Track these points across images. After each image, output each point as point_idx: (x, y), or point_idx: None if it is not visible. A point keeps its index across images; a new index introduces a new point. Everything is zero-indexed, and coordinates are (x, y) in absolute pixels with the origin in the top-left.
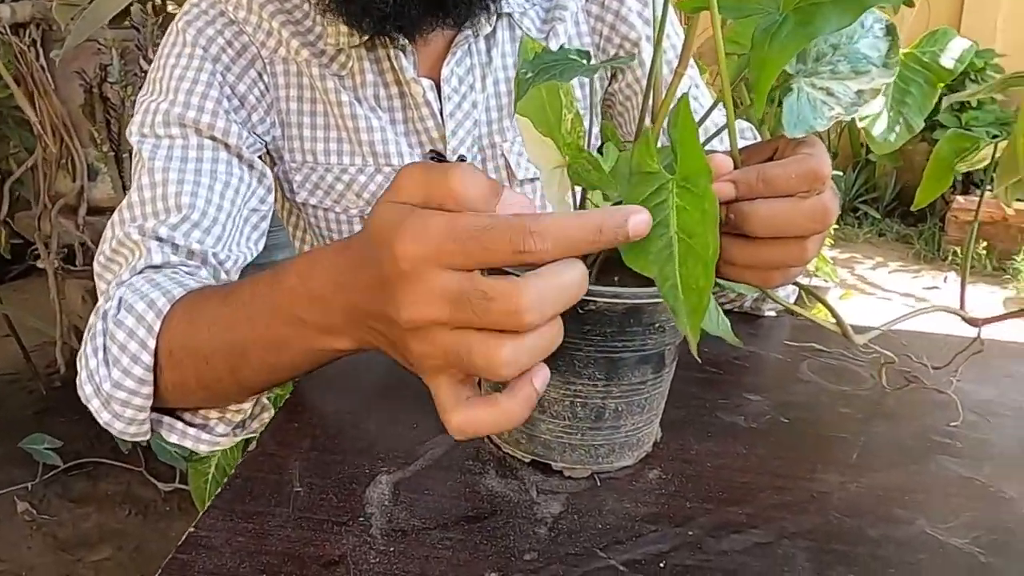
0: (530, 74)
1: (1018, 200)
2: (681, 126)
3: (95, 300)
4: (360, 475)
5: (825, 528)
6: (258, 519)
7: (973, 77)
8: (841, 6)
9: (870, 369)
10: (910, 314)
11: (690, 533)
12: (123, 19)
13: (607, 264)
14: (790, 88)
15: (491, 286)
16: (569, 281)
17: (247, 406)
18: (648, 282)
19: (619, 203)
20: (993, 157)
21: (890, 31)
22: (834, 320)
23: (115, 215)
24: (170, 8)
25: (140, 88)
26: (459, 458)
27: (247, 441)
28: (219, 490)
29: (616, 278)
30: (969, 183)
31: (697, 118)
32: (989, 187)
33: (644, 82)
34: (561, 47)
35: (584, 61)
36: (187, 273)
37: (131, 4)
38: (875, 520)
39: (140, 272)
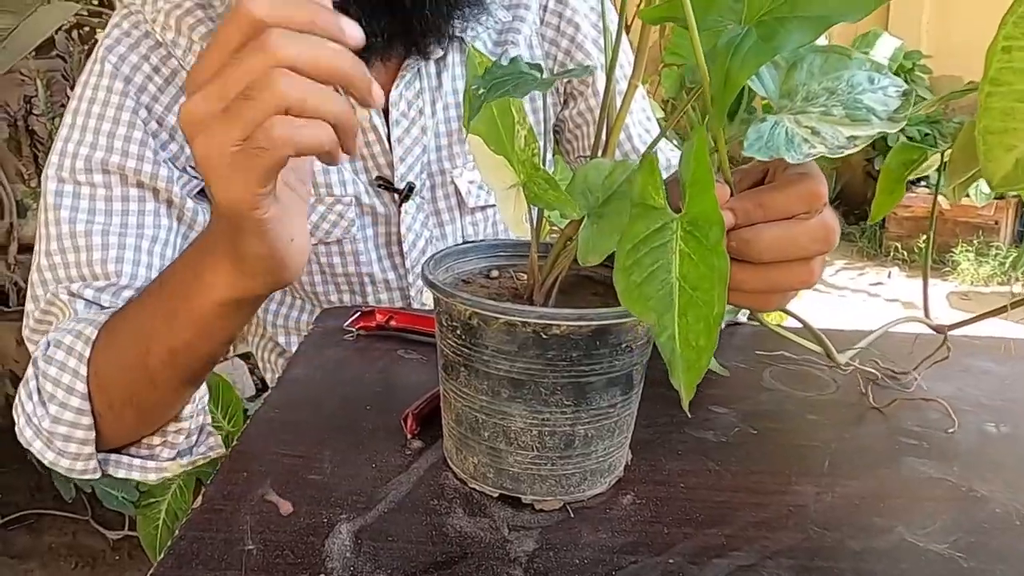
0: (482, 90)
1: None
2: (695, 163)
3: None
4: (318, 525)
5: (806, 545)
6: None
7: (903, 78)
8: (804, 22)
9: (831, 374)
10: (885, 326)
11: (671, 561)
12: (48, 48)
13: (570, 287)
14: (764, 118)
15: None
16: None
17: (186, 425)
18: (612, 303)
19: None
20: (941, 163)
21: (906, 94)
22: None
23: (35, 273)
24: (99, 34)
25: None
26: (423, 497)
27: (199, 482)
28: (161, 555)
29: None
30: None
31: (643, 147)
32: (925, 185)
33: (597, 112)
34: (512, 60)
35: (537, 75)
36: None
37: (56, 32)
38: (855, 531)
39: None
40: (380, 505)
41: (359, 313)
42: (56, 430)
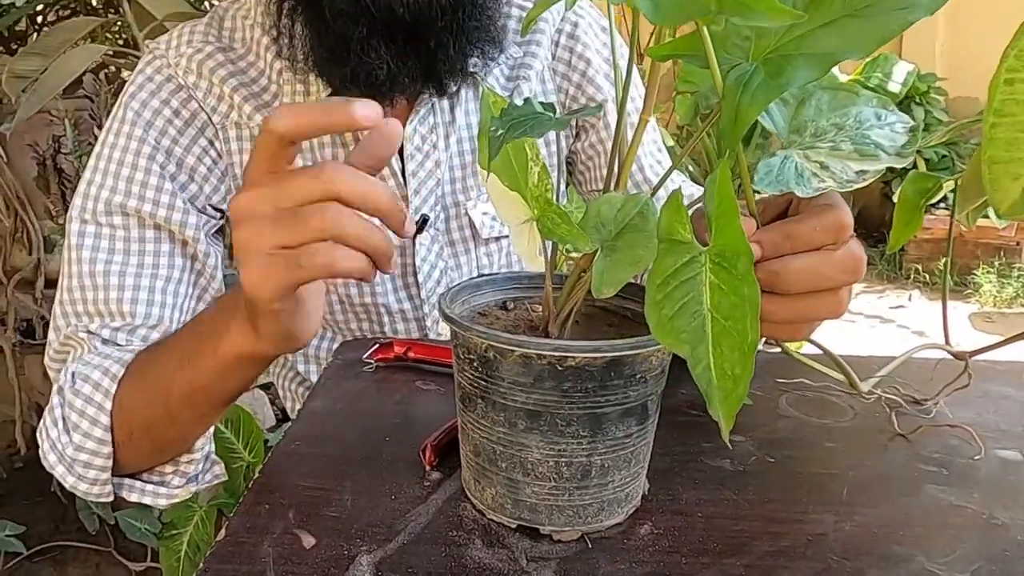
0: (500, 131)
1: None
2: (719, 196)
3: None
4: (339, 557)
5: (826, 575)
6: None
7: (918, 100)
8: (811, 60)
9: (849, 400)
10: (907, 353)
11: None
12: (76, 89)
13: (585, 318)
14: (774, 154)
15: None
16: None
17: (198, 456)
18: (626, 334)
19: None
20: (957, 189)
21: (913, 130)
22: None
23: (57, 306)
24: (124, 75)
25: None
26: (442, 529)
27: (221, 514)
28: None
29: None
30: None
31: (654, 178)
32: (944, 207)
33: (607, 144)
34: (527, 100)
35: (551, 114)
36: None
37: (84, 73)
38: (875, 560)
39: None
40: (400, 537)
41: (377, 345)
42: (78, 457)
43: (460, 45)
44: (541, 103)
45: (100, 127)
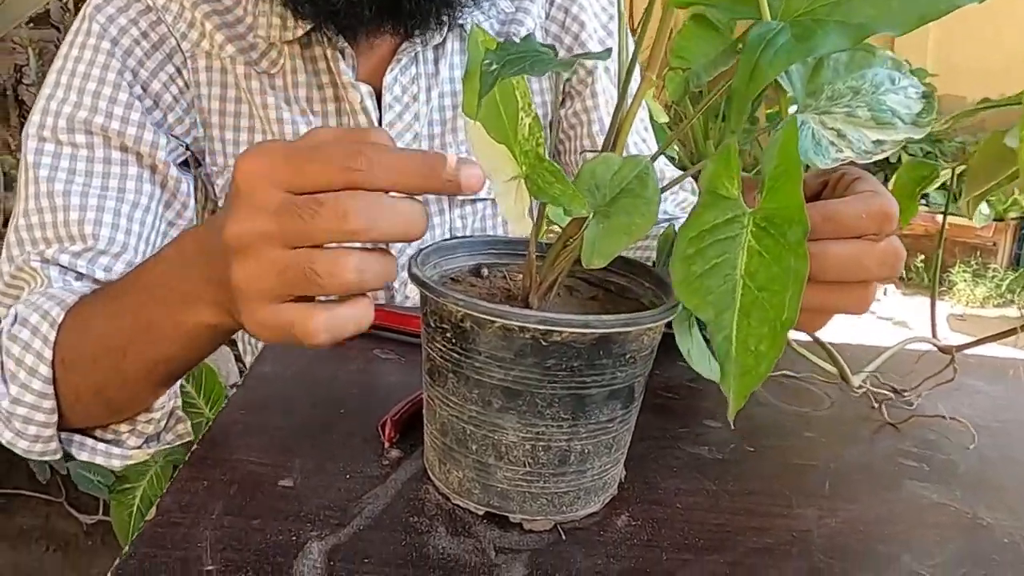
0: (495, 66)
1: (952, 215)
2: (780, 154)
3: None
4: (286, 543)
5: (814, 575)
6: None
7: None
8: (843, 28)
9: (824, 388)
10: (898, 345)
11: None
12: (43, 19)
13: (566, 290)
14: (780, 121)
15: (321, 195)
16: (402, 208)
17: (157, 415)
18: (611, 309)
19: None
20: (953, 179)
21: (927, 96)
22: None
23: (11, 233)
24: None
25: None
26: (402, 514)
27: (175, 469)
28: None
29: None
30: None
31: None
32: (925, 204)
33: (592, 113)
34: (526, 37)
35: (552, 54)
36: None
37: (50, 2)
38: (861, 560)
39: None
40: (355, 522)
41: None
42: (15, 411)
43: None
44: (541, 43)
45: None
